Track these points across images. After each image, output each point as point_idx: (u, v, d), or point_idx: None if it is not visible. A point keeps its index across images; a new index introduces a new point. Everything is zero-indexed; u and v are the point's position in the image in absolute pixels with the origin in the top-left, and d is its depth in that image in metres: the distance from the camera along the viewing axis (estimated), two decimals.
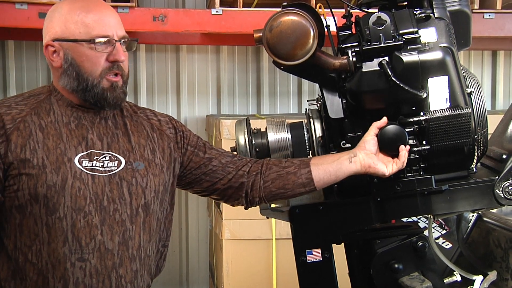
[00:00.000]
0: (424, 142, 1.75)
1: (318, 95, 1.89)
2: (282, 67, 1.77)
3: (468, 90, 1.76)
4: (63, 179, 1.61)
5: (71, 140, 1.66)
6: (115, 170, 1.68)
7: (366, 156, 1.74)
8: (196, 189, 1.92)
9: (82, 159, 1.65)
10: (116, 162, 1.70)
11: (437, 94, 1.72)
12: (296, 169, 1.81)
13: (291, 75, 3.02)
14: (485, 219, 2.31)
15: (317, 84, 1.87)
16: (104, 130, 1.72)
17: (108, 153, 1.69)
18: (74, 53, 1.67)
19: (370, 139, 1.75)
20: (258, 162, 1.89)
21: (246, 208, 1.93)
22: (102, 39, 1.65)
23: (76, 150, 1.65)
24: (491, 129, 1.95)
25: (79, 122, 1.70)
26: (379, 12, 1.71)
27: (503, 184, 1.83)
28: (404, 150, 1.72)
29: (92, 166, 1.65)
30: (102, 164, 1.67)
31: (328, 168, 1.78)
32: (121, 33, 1.70)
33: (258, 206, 1.91)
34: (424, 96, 1.70)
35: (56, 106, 1.70)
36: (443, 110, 1.73)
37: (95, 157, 1.67)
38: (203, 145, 1.89)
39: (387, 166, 1.73)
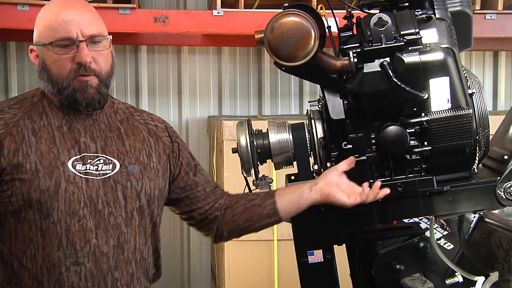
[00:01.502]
0: (425, 143, 1.75)
1: (320, 96, 1.89)
2: (283, 68, 1.77)
3: (470, 91, 1.76)
4: (57, 183, 1.60)
5: (64, 144, 1.64)
6: (109, 173, 1.67)
7: (326, 186, 1.76)
8: (173, 209, 1.92)
9: (75, 163, 1.63)
10: (111, 165, 1.68)
11: (439, 95, 1.72)
12: (262, 200, 1.84)
13: (292, 76, 3.02)
14: (486, 220, 2.31)
15: (318, 85, 1.87)
16: (97, 133, 1.71)
17: (102, 156, 1.68)
18: (44, 57, 1.67)
19: (333, 169, 1.78)
20: (229, 196, 1.91)
21: (214, 242, 1.95)
22: (60, 42, 1.63)
23: (69, 153, 1.64)
24: (493, 130, 1.94)
25: (71, 125, 1.68)
26: (380, 13, 1.71)
27: (505, 185, 1.83)
28: (366, 187, 1.74)
29: (86, 169, 1.64)
30: (96, 167, 1.66)
31: (290, 197, 1.81)
32: (89, 32, 1.65)
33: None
34: (425, 97, 1.70)
35: (48, 109, 1.69)
36: (445, 111, 1.72)
37: (89, 161, 1.65)
38: (194, 166, 1.89)
39: (349, 197, 1.74)
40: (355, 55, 1.70)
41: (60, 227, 1.60)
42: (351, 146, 1.78)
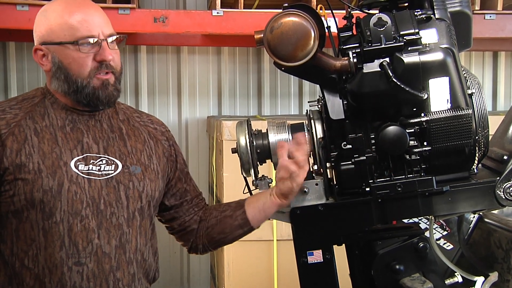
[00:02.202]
0: (425, 143, 1.75)
1: (319, 96, 1.89)
2: (283, 68, 1.77)
3: (469, 91, 1.76)
4: (59, 183, 1.60)
5: (67, 144, 1.65)
6: (112, 173, 1.68)
7: (275, 187, 1.78)
8: (158, 215, 1.93)
9: (78, 163, 1.64)
10: (113, 165, 1.69)
11: (438, 95, 1.72)
12: (232, 212, 1.86)
13: (292, 76, 3.02)
14: (486, 220, 2.31)
15: (318, 85, 1.87)
16: (99, 134, 1.71)
17: (105, 157, 1.68)
18: (61, 56, 1.66)
19: (278, 168, 1.75)
20: (205, 208, 1.94)
21: (189, 253, 1.97)
22: (87, 40, 1.64)
23: (72, 154, 1.64)
24: (492, 130, 1.94)
25: (74, 125, 1.69)
26: (380, 13, 1.71)
27: (504, 185, 1.83)
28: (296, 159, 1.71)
29: (88, 170, 1.65)
30: (98, 168, 1.66)
31: (257, 205, 1.84)
32: (108, 31, 1.68)
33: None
34: (425, 97, 1.70)
35: (51, 109, 1.69)
36: (444, 111, 1.72)
37: (91, 161, 1.66)
38: (186, 173, 1.93)
39: (291, 181, 1.73)
40: (354, 55, 1.70)
41: (63, 227, 1.60)
42: (350, 146, 1.78)
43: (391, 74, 1.66)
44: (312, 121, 1.87)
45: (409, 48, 1.69)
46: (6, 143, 1.60)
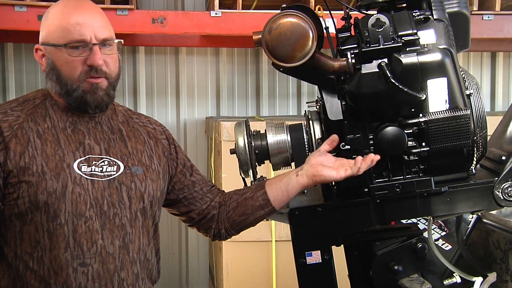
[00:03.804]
0: (423, 144, 1.75)
1: (318, 97, 1.89)
2: (281, 69, 1.77)
3: (467, 92, 1.76)
4: (63, 185, 1.60)
5: (69, 146, 1.65)
6: (114, 174, 1.68)
7: (311, 167, 1.78)
8: (172, 211, 1.94)
9: (81, 165, 1.64)
10: (115, 166, 1.69)
11: (436, 96, 1.72)
12: (253, 193, 1.86)
13: (290, 77, 3.02)
14: (484, 220, 2.31)
15: (316, 86, 1.87)
16: (100, 135, 1.71)
17: (106, 158, 1.69)
18: (54, 58, 1.66)
19: (316, 152, 1.80)
20: (223, 193, 1.94)
21: (213, 240, 1.97)
22: (75, 44, 1.63)
23: (74, 155, 1.64)
24: (490, 130, 1.94)
25: (75, 127, 1.69)
26: (378, 14, 1.71)
27: (503, 185, 1.83)
28: (359, 158, 1.73)
29: (91, 171, 1.65)
30: (101, 169, 1.67)
31: (279, 186, 1.83)
32: (102, 35, 1.67)
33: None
34: (423, 98, 1.70)
35: (52, 111, 1.69)
36: (442, 112, 1.73)
37: (94, 162, 1.66)
38: (190, 167, 1.92)
39: (337, 171, 1.74)
40: (353, 56, 1.70)
41: (67, 229, 1.60)
42: (349, 146, 1.78)
43: (389, 75, 1.66)
44: (310, 122, 1.87)
45: (407, 49, 1.69)
46: (9, 145, 1.59)
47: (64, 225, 1.60)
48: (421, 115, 1.73)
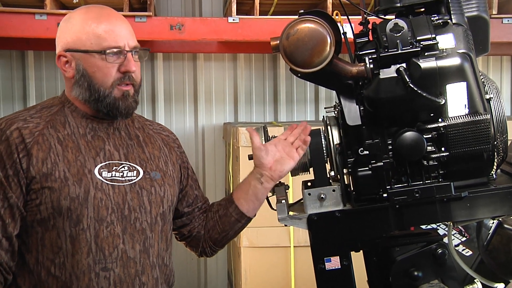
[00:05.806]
0: (443, 149, 1.74)
1: (336, 102, 1.89)
2: (299, 75, 1.77)
3: (487, 96, 1.75)
4: (86, 190, 1.62)
5: (89, 152, 1.67)
6: (134, 179, 1.70)
7: (271, 171, 1.84)
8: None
9: (101, 170, 1.66)
10: (135, 171, 1.71)
11: (456, 101, 1.71)
12: (225, 210, 1.89)
13: (308, 82, 3.02)
14: (505, 226, 2.29)
15: (334, 91, 1.87)
16: (119, 141, 1.73)
17: (126, 163, 1.71)
18: (86, 64, 1.68)
19: (258, 154, 1.84)
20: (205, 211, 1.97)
21: (199, 257, 2.02)
22: (113, 50, 1.66)
23: (95, 161, 1.66)
24: (511, 135, 1.93)
25: (95, 133, 1.71)
26: (396, 19, 1.71)
27: None
28: (296, 131, 1.86)
29: (112, 176, 1.67)
30: (121, 174, 1.69)
31: (248, 198, 1.87)
32: (133, 43, 1.71)
33: (277, 216, 1.91)
34: (442, 103, 1.69)
35: (71, 118, 1.71)
36: (462, 117, 1.71)
37: (114, 168, 1.68)
38: (195, 180, 1.96)
39: (293, 158, 1.83)
40: (371, 61, 1.69)
41: (90, 234, 1.61)
42: (367, 152, 1.78)
43: (408, 80, 1.65)
44: (328, 127, 1.87)
45: (426, 54, 1.68)
46: (32, 152, 1.61)
47: (86, 230, 1.61)
48: (440, 120, 1.72)
